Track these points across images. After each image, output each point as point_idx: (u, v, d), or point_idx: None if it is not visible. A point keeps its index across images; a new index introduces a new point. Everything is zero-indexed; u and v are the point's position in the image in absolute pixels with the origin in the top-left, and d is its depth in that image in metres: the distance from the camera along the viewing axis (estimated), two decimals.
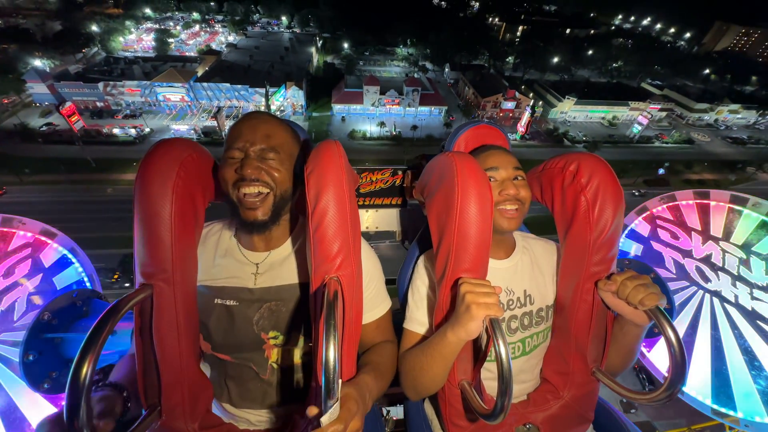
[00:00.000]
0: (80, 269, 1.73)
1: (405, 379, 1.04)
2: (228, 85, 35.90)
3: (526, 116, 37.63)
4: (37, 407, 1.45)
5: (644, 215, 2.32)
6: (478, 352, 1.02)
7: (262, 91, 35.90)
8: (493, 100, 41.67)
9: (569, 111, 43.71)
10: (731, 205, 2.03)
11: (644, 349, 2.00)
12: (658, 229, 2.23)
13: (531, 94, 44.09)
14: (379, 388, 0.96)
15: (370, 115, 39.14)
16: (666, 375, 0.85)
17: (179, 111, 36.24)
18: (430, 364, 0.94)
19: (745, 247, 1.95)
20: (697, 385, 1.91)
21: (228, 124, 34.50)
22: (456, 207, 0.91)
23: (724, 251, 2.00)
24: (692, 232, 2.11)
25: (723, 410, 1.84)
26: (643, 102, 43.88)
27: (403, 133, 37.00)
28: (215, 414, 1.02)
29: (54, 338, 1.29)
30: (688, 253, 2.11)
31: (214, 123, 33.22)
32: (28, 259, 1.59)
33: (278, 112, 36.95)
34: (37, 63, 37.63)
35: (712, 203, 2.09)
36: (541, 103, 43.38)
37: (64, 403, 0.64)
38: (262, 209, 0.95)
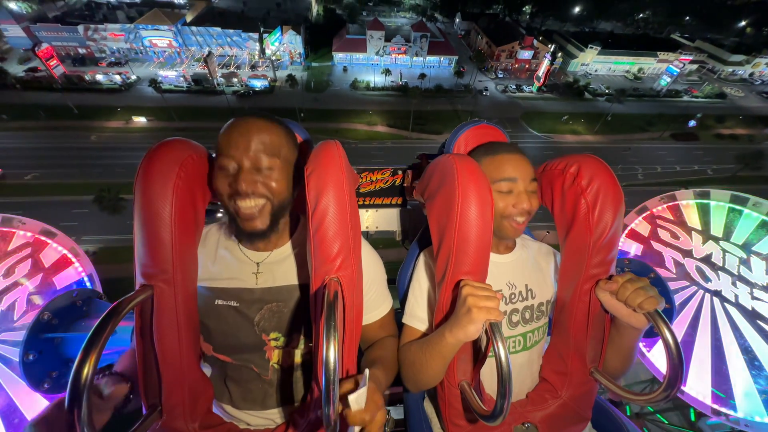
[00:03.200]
0: (80, 269, 1.72)
1: (405, 372, 1.05)
2: (219, 29, 32.98)
3: (545, 64, 34.41)
4: (37, 407, 1.47)
5: (644, 215, 2.29)
6: (478, 353, 1.02)
7: (256, 36, 32.97)
8: (508, 49, 38.25)
9: (591, 63, 40.14)
10: (731, 205, 2.01)
11: (644, 349, 2.07)
12: (659, 228, 2.21)
13: (550, 45, 40.31)
14: (387, 382, 0.98)
15: (375, 66, 36.13)
16: (665, 375, 0.86)
17: (167, 58, 33.65)
18: (429, 362, 0.94)
19: (746, 246, 1.94)
20: (698, 385, 1.90)
21: (220, 71, 31.92)
22: (456, 210, 0.91)
23: (724, 251, 1.99)
24: (692, 232, 2.10)
25: (723, 410, 1.83)
26: (672, 53, 40.07)
27: (409, 84, 34.11)
28: (216, 414, 1.01)
29: (54, 338, 1.29)
30: (688, 253, 2.10)
31: (205, 70, 30.60)
32: (28, 259, 1.61)
33: (274, 59, 34.11)
34: (12, 6, 34.75)
35: (713, 203, 2.08)
36: (560, 54, 39.69)
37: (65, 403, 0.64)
38: (260, 219, 0.91)
